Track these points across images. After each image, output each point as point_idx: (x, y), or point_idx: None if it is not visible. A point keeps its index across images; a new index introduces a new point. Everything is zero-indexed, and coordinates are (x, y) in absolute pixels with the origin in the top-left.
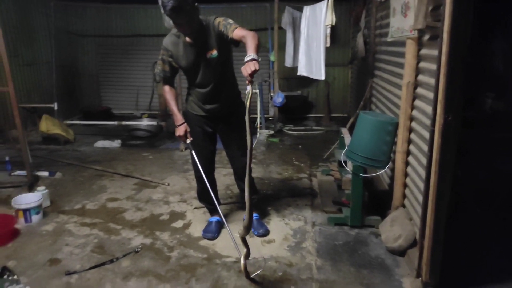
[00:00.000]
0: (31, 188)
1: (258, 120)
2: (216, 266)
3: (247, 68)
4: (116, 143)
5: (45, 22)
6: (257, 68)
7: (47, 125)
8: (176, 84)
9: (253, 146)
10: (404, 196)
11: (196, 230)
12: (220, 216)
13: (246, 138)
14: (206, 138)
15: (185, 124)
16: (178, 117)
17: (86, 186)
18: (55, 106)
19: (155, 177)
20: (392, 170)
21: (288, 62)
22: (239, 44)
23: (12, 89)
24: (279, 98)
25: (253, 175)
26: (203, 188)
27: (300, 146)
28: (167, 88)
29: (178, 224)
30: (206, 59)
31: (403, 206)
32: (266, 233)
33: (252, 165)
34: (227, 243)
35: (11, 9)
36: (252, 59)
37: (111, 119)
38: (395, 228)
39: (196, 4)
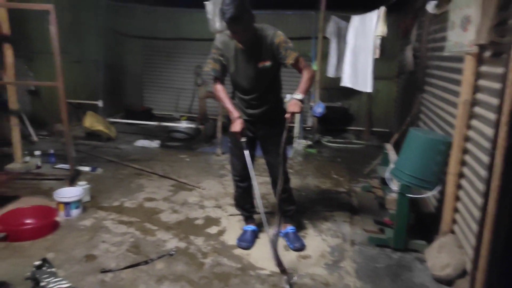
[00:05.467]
0: (72, 181)
1: (296, 130)
2: (250, 278)
3: (291, 108)
4: (155, 143)
5: (95, 22)
6: (299, 111)
7: (91, 121)
8: None
9: (290, 156)
10: (454, 221)
11: (230, 237)
12: (255, 224)
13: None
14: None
15: (242, 120)
16: (234, 112)
17: (125, 183)
18: (100, 103)
19: (191, 180)
20: (441, 192)
21: (331, 72)
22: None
23: (61, 85)
24: (319, 108)
25: (290, 185)
26: (240, 193)
27: (339, 159)
28: (219, 86)
29: (213, 230)
30: (257, 68)
31: (452, 232)
32: (302, 247)
33: (289, 175)
34: (262, 254)
35: (65, 8)
36: (299, 100)
37: (152, 119)
38: (443, 255)
39: (253, 13)
